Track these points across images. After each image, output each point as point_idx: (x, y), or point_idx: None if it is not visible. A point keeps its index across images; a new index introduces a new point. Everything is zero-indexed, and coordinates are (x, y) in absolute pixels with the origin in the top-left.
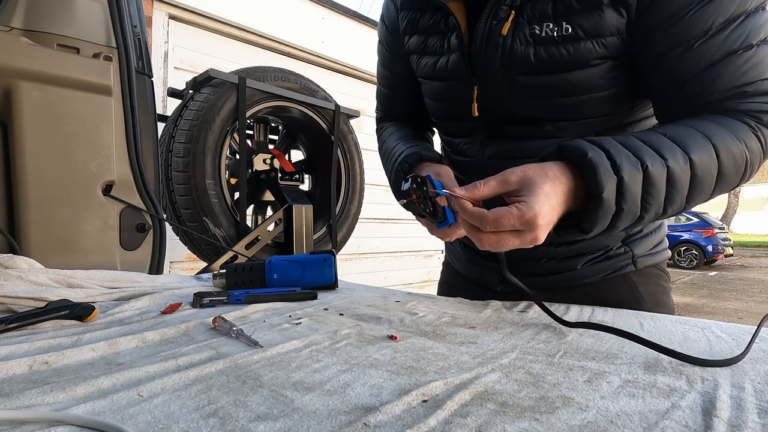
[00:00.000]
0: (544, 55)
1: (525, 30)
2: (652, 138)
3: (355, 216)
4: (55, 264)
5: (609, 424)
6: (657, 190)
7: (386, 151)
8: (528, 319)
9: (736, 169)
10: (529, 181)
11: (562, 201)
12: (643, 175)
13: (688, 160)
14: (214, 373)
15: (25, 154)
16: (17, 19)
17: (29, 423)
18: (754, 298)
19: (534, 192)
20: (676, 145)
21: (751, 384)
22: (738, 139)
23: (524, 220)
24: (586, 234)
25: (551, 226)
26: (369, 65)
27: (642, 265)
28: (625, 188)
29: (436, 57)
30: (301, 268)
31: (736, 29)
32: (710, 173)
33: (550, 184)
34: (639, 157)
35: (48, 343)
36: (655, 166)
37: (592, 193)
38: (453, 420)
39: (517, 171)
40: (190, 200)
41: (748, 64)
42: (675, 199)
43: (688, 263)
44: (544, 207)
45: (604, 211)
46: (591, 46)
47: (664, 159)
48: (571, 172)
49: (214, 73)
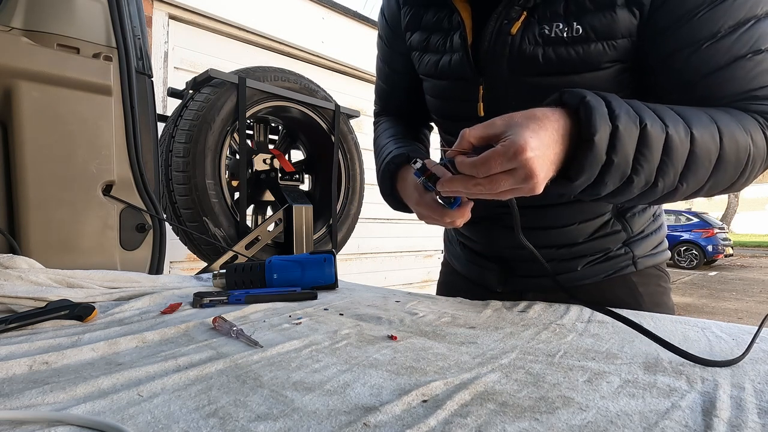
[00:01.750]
0: (553, 56)
1: (535, 30)
2: (659, 107)
3: (355, 216)
4: (55, 264)
5: (609, 424)
6: (651, 152)
7: (377, 148)
8: (528, 319)
9: (736, 158)
10: (514, 122)
11: (555, 136)
12: (640, 132)
13: (689, 133)
14: (214, 373)
15: (25, 154)
16: (17, 19)
17: (29, 423)
18: (754, 298)
19: (518, 129)
20: (679, 117)
21: (751, 384)
22: (744, 130)
23: (510, 153)
24: (573, 182)
25: (548, 162)
26: (369, 65)
27: (642, 266)
28: (618, 138)
29: (438, 55)
30: (301, 268)
31: (745, 33)
32: (709, 154)
33: (536, 123)
34: (639, 114)
35: (48, 343)
36: (654, 127)
37: (584, 137)
38: (453, 420)
39: (503, 116)
40: (190, 200)
41: (758, 69)
42: (668, 171)
43: (688, 263)
44: (532, 139)
45: (593, 157)
46: (601, 48)
47: (665, 124)
48: (566, 115)
49: (214, 73)
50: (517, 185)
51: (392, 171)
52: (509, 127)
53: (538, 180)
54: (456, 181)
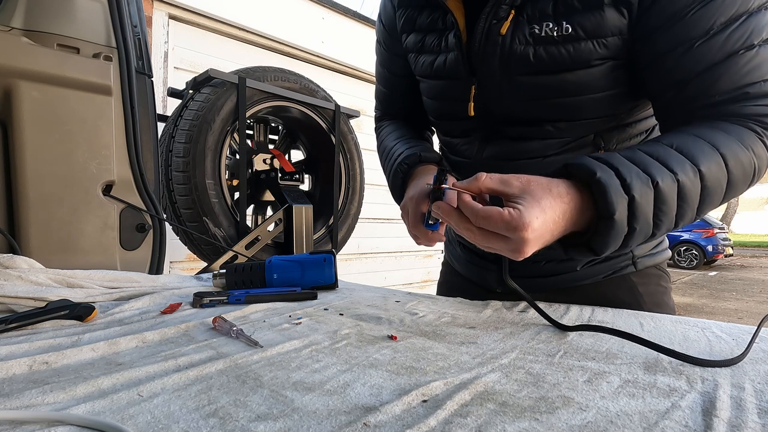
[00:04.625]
0: (544, 55)
1: (524, 29)
2: (659, 151)
3: (355, 216)
4: (55, 264)
5: (609, 424)
6: (668, 206)
7: (385, 150)
8: (528, 319)
9: (744, 176)
10: (530, 190)
11: (560, 220)
12: (654, 192)
13: (698, 172)
14: (214, 373)
15: (25, 154)
16: (17, 19)
17: (29, 423)
18: (754, 298)
19: (531, 202)
20: (684, 158)
21: (751, 384)
22: (745, 147)
23: (512, 226)
24: (598, 255)
25: (542, 243)
26: (369, 65)
27: (642, 266)
28: (636, 207)
29: (434, 55)
30: (301, 268)
31: (737, 29)
32: (720, 183)
33: (550, 200)
34: (649, 173)
35: (48, 343)
36: (665, 181)
37: (603, 215)
38: (453, 420)
39: (523, 177)
40: (190, 200)
41: (750, 65)
42: (686, 212)
43: (688, 263)
44: (537, 220)
45: (615, 233)
46: (591, 47)
47: (673, 173)
48: (577, 190)
49: (214, 73)
50: (503, 249)
51: (405, 171)
52: (524, 193)
53: (523, 256)
54: (453, 214)
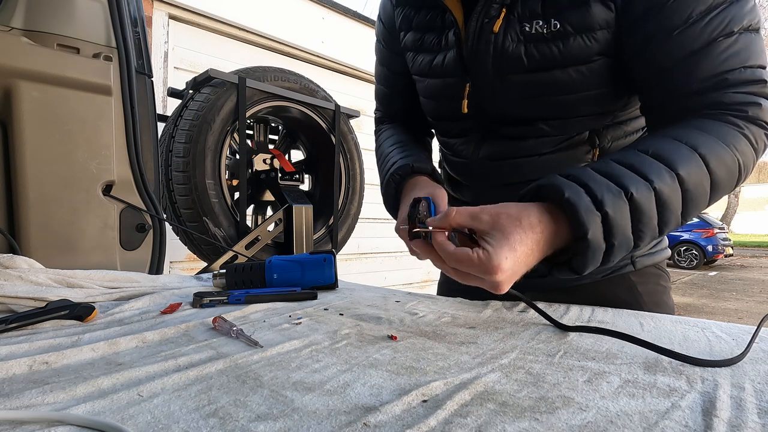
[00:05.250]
0: (535, 53)
1: (516, 27)
2: (634, 159)
3: (355, 216)
4: (55, 264)
5: (609, 424)
6: (647, 216)
7: (381, 156)
8: (528, 319)
9: (729, 175)
10: (500, 226)
11: (534, 251)
12: (630, 204)
13: (676, 176)
14: (214, 373)
15: (25, 154)
16: (17, 19)
17: (29, 423)
18: (754, 298)
19: (500, 241)
20: (660, 163)
21: (751, 384)
22: (727, 145)
23: (483, 269)
24: (579, 274)
25: (518, 276)
26: (369, 65)
27: (641, 265)
28: (611, 223)
29: (433, 54)
30: (301, 268)
31: (716, 17)
32: (702, 185)
33: (520, 234)
34: (621, 185)
35: (48, 343)
36: (640, 191)
37: (577, 235)
38: (453, 420)
39: (493, 210)
40: (190, 200)
41: (729, 52)
42: (669, 219)
43: (688, 263)
44: (507, 260)
45: (593, 251)
46: (581, 42)
47: (649, 182)
48: (549, 214)
49: (214, 73)
50: (482, 286)
51: (397, 182)
52: (493, 229)
53: (501, 291)
54: (430, 253)
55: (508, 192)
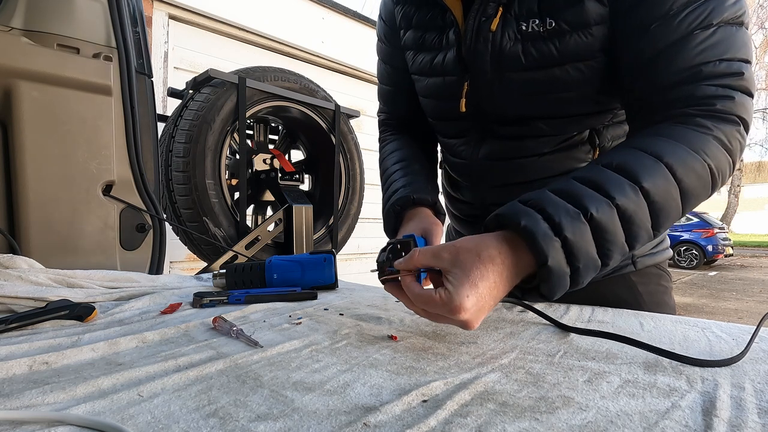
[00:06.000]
0: (533, 51)
1: (513, 26)
2: (596, 175)
3: (355, 216)
4: (55, 264)
5: (609, 424)
6: (612, 233)
7: (384, 172)
8: (528, 319)
9: (701, 182)
10: (459, 263)
11: (498, 284)
12: (590, 225)
13: (640, 190)
14: (214, 373)
15: (25, 154)
16: (17, 19)
17: (29, 423)
18: (754, 298)
19: (461, 279)
20: (623, 178)
21: (751, 384)
22: (695, 151)
23: (448, 309)
24: (549, 300)
25: (487, 311)
26: (369, 65)
27: (642, 266)
28: (572, 247)
29: (434, 53)
30: (301, 268)
31: (695, 10)
32: (671, 195)
33: (480, 270)
34: (580, 206)
35: (48, 343)
36: (601, 210)
37: (539, 264)
38: (453, 420)
39: (452, 248)
40: (190, 200)
41: (705, 44)
42: (638, 233)
43: (688, 263)
44: (469, 298)
45: (557, 277)
46: (578, 39)
47: (610, 198)
48: (509, 244)
49: (214, 73)
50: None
51: (397, 212)
52: (453, 267)
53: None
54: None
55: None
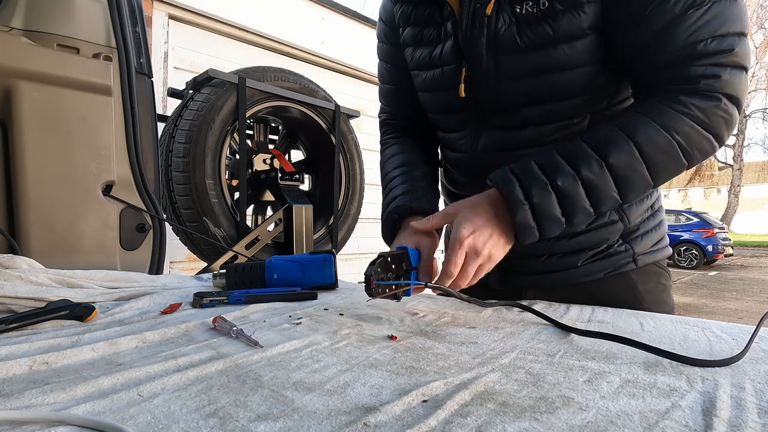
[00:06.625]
0: (529, 33)
1: (507, 9)
2: (574, 150)
3: (355, 216)
4: (55, 264)
5: (609, 424)
6: (574, 199)
7: (384, 176)
8: (528, 319)
9: (670, 157)
10: (457, 212)
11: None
12: (556, 193)
13: (604, 164)
14: (214, 373)
15: (25, 154)
16: (17, 19)
17: (29, 423)
18: (754, 298)
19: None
20: (593, 153)
21: (751, 384)
22: (665, 130)
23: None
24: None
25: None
26: (369, 65)
27: (642, 263)
28: (537, 209)
29: (432, 46)
30: (301, 268)
31: None
32: (636, 169)
33: (470, 210)
34: (550, 177)
35: (48, 343)
36: (566, 181)
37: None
38: (453, 420)
39: (457, 203)
40: (190, 200)
41: (699, 22)
42: (604, 199)
43: (688, 263)
44: (465, 229)
45: (524, 228)
46: (571, 17)
47: (577, 171)
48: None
49: (214, 73)
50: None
51: (395, 220)
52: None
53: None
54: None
55: None
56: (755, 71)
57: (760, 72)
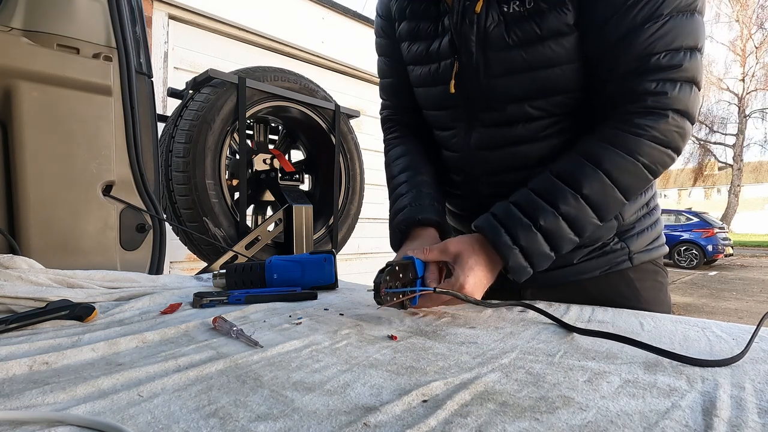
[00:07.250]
0: (517, 31)
1: (496, 8)
2: (546, 186)
3: (355, 216)
4: (55, 264)
5: (609, 424)
6: (559, 234)
7: (391, 180)
8: (528, 319)
9: (636, 178)
10: (457, 254)
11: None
12: (540, 232)
13: (578, 196)
14: (214, 373)
15: (25, 154)
16: (17, 19)
17: (29, 423)
18: (754, 298)
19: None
20: (566, 187)
21: (751, 384)
22: (629, 155)
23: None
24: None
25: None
26: (369, 65)
27: (638, 261)
28: (527, 251)
29: (429, 41)
30: (301, 268)
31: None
32: (609, 194)
33: (471, 257)
34: (531, 218)
35: (48, 343)
36: (547, 220)
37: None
38: (453, 420)
39: (455, 243)
40: (190, 200)
41: (655, 36)
42: (584, 226)
43: (688, 263)
44: (469, 278)
45: (518, 270)
46: (556, 15)
47: (555, 208)
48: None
49: (214, 73)
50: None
51: (402, 231)
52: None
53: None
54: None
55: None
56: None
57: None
